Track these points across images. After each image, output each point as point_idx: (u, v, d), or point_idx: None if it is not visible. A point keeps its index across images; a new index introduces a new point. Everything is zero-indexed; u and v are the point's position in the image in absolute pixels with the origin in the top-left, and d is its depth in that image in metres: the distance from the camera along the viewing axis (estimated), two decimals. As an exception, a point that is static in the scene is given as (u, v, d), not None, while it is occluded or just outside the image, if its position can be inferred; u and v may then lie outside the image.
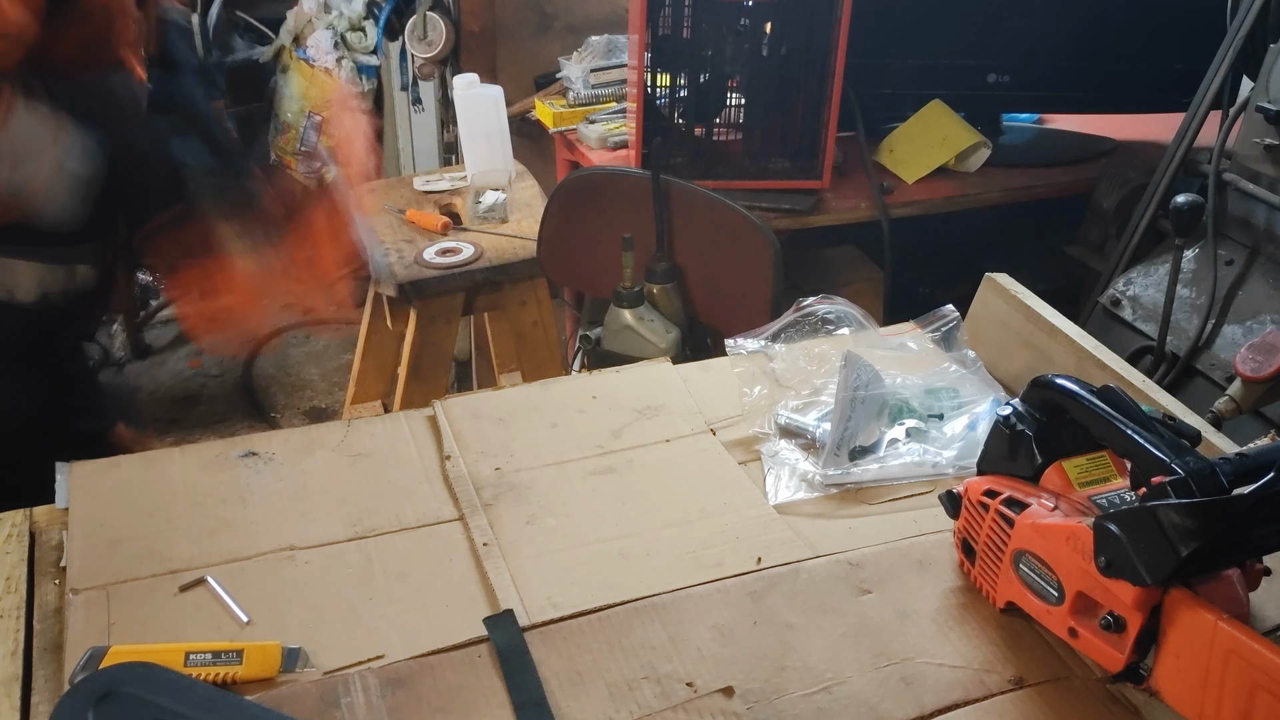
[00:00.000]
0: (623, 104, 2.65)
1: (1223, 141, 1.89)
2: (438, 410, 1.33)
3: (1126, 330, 1.94)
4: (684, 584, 1.06)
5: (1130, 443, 0.93)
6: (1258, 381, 1.59)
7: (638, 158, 2.27)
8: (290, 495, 1.20)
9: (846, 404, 1.26)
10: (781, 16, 2.17)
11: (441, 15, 2.75)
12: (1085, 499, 0.98)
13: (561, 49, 2.87)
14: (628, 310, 2.00)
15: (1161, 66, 2.44)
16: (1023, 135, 2.70)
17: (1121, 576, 0.89)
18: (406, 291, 2.29)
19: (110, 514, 1.16)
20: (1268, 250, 1.82)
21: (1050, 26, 2.46)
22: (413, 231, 2.46)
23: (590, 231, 2.17)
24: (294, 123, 3.88)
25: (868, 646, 0.99)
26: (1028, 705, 0.94)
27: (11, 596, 1.06)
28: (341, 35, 3.86)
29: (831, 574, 1.08)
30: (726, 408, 1.35)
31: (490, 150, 2.51)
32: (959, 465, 1.23)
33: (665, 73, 2.24)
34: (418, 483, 1.22)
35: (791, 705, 0.93)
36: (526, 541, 1.13)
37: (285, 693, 0.93)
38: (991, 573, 1.03)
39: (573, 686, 0.94)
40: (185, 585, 1.07)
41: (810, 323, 1.46)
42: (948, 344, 1.44)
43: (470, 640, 0.99)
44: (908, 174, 2.42)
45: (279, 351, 3.57)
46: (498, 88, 2.53)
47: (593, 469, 1.25)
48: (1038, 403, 1.03)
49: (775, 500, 1.20)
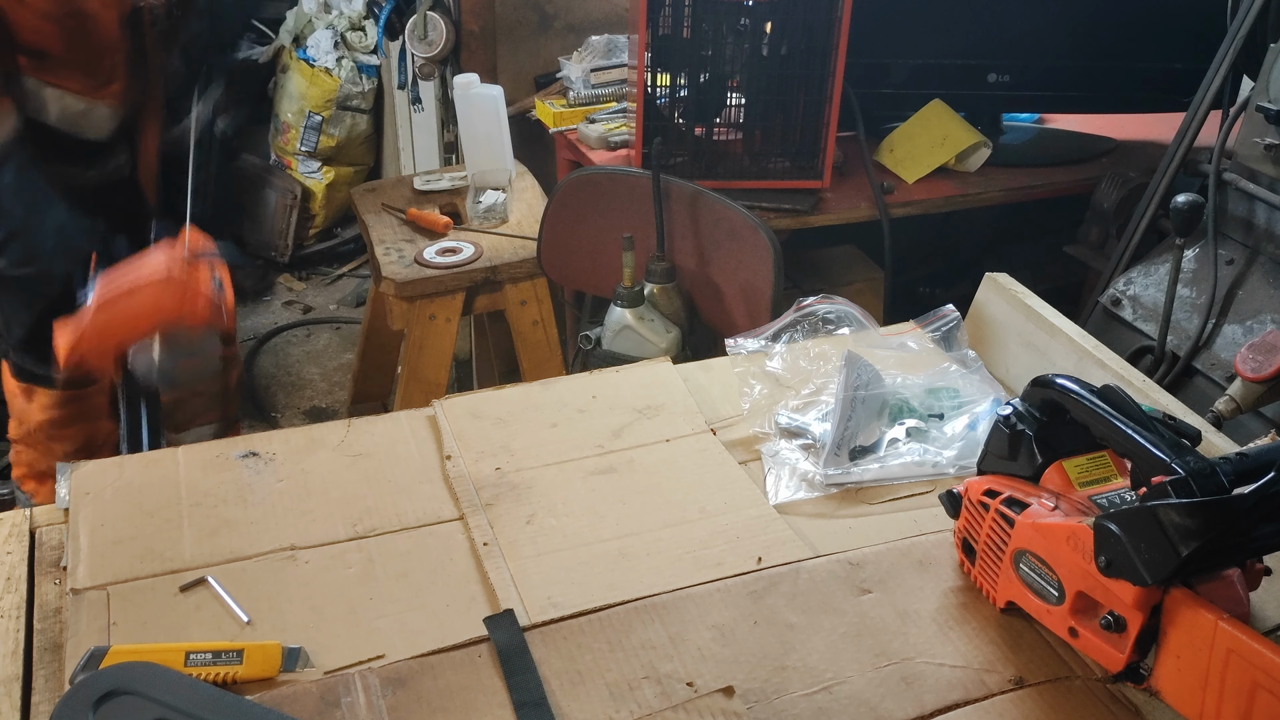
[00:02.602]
0: (623, 104, 2.65)
1: (1223, 141, 1.88)
2: (438, 410, 1.34)
3: (1126, 330, 1.94)
4: (684, 584, 1.06)
5: (1130, 442, 0.93)
6: (1258, 381, 1.58)
7: (638, 158, 2.27)
8: (291, 495, 1.20)
9: (847, 404, 1.26)
10: (781, 16, 2.17)
11: (441, 15, 2.75)
12: (1085, 499, 0.98)
13: (561, 49, 2.87)
14: (628, 310, 2.00)
15: (1161, 66, 2.44)
16: (1023, 135, 2.70)
17: (1122, 576, 0.89)
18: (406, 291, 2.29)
19: (111, 514, 1.16)
20: (1268, 250, 1.81)
21: (1050, 26, 2.46)
22: (413, 231, 2.46)
23: (590, 231, 2.17)
24: (294, 123, 3.89)
25: (868, 646, 0.99)
26: (1028, 705, 0.94)
27: (11, 596, 1.06)
28: (341, 35, 3.87)
29: (832, 574, 1.08)
30: (726, 408, 1.35)
31: (490, 150, 2.51)
32: (959, 465, 1.23)
33: (665, 73, 2.24)
34: (418, 482, 1.22)
35: (792, 705, 0.93)
36: (527, 541, 1.13)
37: (285, 693, 0.93)
38: (992, 572, 1.03)
39: (573, 686, 0.94)
40: (186, 585, 1.07)
41: (810, 323, 1.46)
42: (948, 344, 1.44)
43: (470, 640, 0.99)
44: (908, 174, 2.42)
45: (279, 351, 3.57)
46: (498, 88, 2.53)
47: (593, 469, 1.25)
48: (1038, 402, 1.03)
49: (775, 500, 1.20)
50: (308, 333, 3.70)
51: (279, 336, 3.67)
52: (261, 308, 3.85)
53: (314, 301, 3.89)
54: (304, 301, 3.89)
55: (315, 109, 3.86)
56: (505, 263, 2.35)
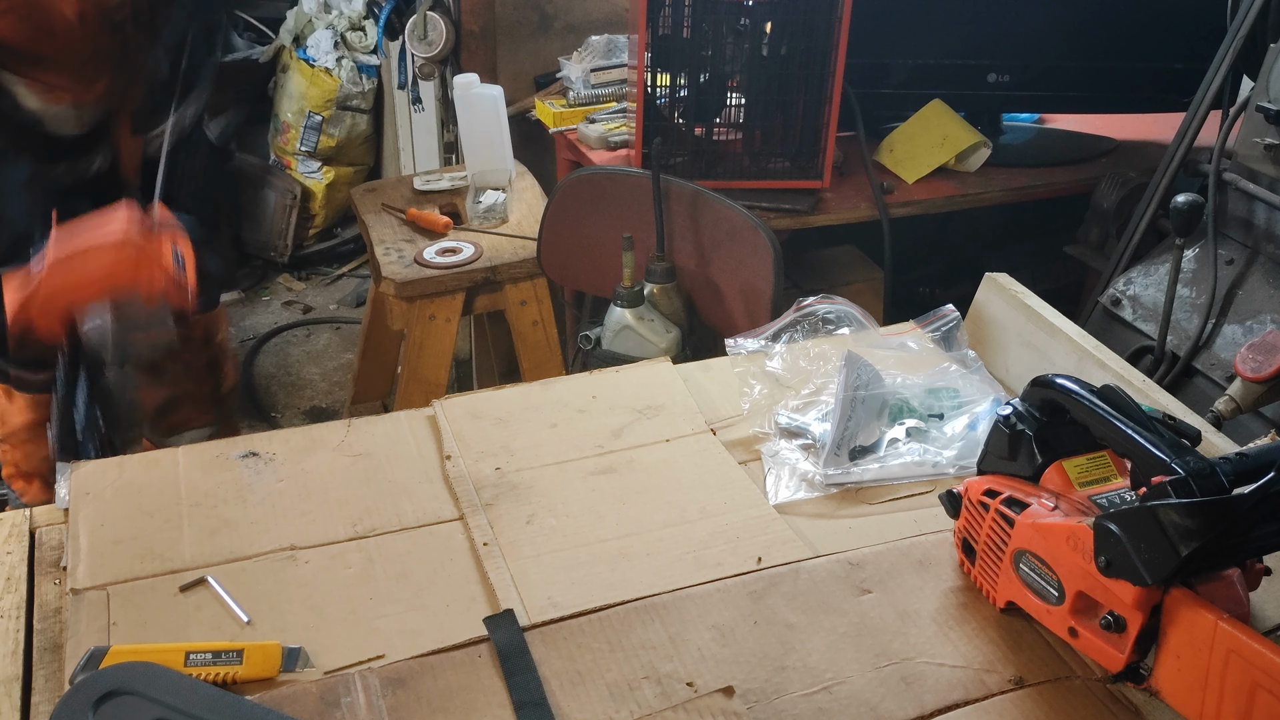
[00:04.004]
0: (623, 104, 2.65)
1: (1223, 141, 1.88)
2: (438, 410, 1.34)
3: (1126, 330, 1.94)
4: (684, 584, 1.06)
5: (1130, 442, 0.93)
6: (1258, 381, 1.58)
7: (638, 158, 2.27)
8: (291, 495, 1.20)
9: (847, 404, 1.26)
10: (781, 16, 2.17)
11: (441, 15, 2.75)
12: (1085, 499, 0.98)
13: (561, 49, 2.87)
14: (628, 310, 2.00)
15: (1161, 66, 2.44)
16: (1023, 135, 2.70)
17: (1122, 576, 0.89)
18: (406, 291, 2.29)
19: (111, 514, 1.16)
20: (1268, 250, 1.81)
21: (1050, 26, 2.46)
22: (413, 231, 2.46)
23: (590, 231, 2.17)
24: (294, 123, 3.89)
25: (868, 646, 0.99)
26: (1028, 705, 0.94)
27: (11, 596, 1.06)
28: (341, 35, 3.87)
29: (832, 574, 1.08)
30: (726, 408, 1.35)
31: (490, 150, 2.51)
32: (959, 465, 1.23)
33: (665, 73, 2.24)
34: (418, 482, 1.22)
35: (792, 705, 0.93)
36: (527, 541, 1.13)
37: (285, 693, 0.93)
38: (992, 572, 1.03)
39: (573, 686, 0.94)
40: (186, 585, 1.07)
41: (810, 323, 1.46)
42: (948, 344, 1.44)
43: (470, 640, 0.99)
44: (908, 174, 2.42)
45: (279, 351, 3.57)
46: (498, 88, 2.53)
47: (593, 469, 1.25)
48: (1038, 402, 1.03)
49: (775, 500, 1.20)
50: (308, 333, 3.70)
51: (279, 336, 3.67)
52: (261, 307, 3.85)
53: (314, 301, 3.90)
54: (304, 301, 3.89)
55: (315, 109, 3.86)
56: (505, 263, 2.35)
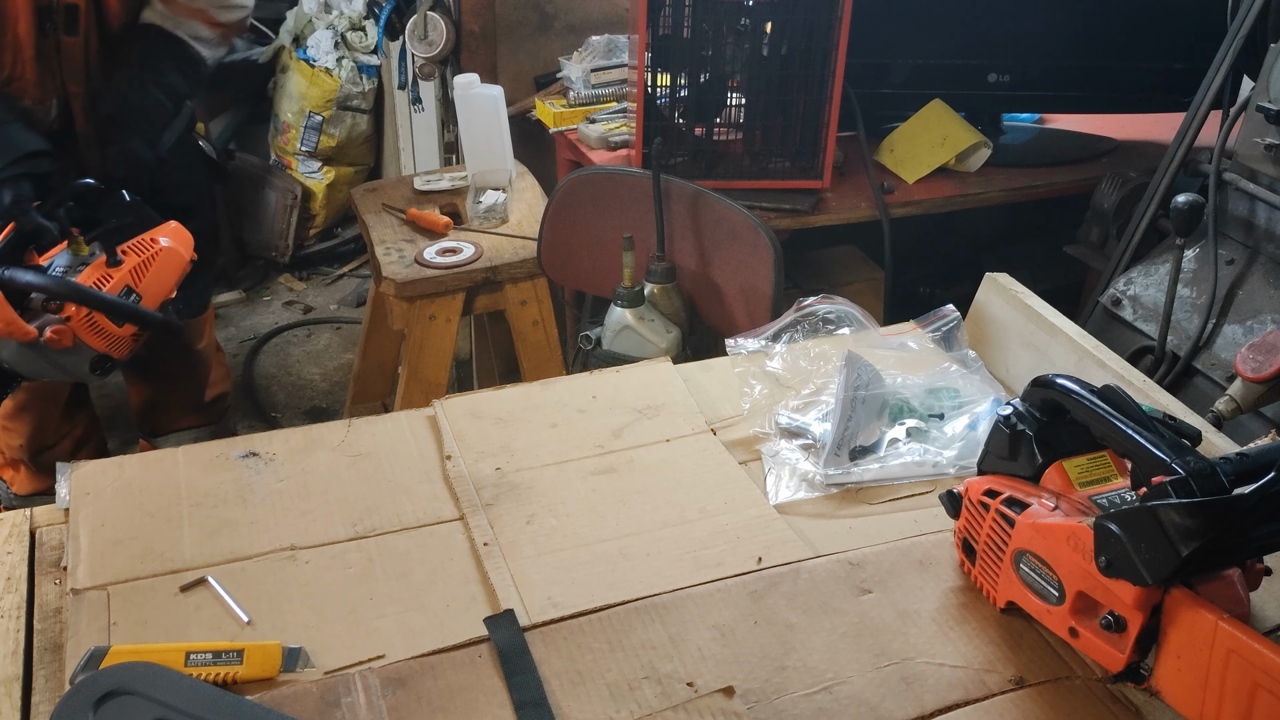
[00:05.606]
0: (623, 104, 2.65)
1: (1223, 141, 1.88)
2: (438, 410, 1.34)
3: (1127, 330, 1.94)
4: (684, 584, 1.06)
5: (1131, 442, 0.93)
6: (1258, 381, 1.58)
7: (638, 158, 2.27)
8: (291, 495, 1.20)
9: (847, 404, 1.26)
10: (781, 16, 2.17)
11: (442, 15, 2.75)
12: (1085, 499, 0.98)
13: (561, 49, 2.87)
14: (628, 310, 2.00)
15: (1161, 66, 2.44)
16: (1023, 135, 2.70)
17: (1122, 576, 0.89)
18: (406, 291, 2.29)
19: (111, 514, 1.16)
20: (1268, 250, 1.81)
21: (1050, 26, 2.46)
22: (413, 231, 2.46)
23: (590, 231, 2.17)
24: (294, 123, 3.89)
25: (868, 646, 0.99)
26: (1028, 705, 0.94)
27: (11, 596, 1.06)
28: (342, 35, 3.87)
29: (832, 574, 1.08)
30: (726, 408, 1.35)
31: (490, 150, 2.51)
32: (959, 465, 1.23)
33: (665, 73, 2.24)
34: (418, 483, 1.22)
35: (792, 705, 0.93)
36: (527, 541, 1.13)
37: (286, 693, 0.93)
38: (992, 572, 1.03)
39: (573, 686, 0.94)
40: (186, 585, 1.07)
41: (810, 323, 1.46)
42: (948, 344, 1.44)
43: (471, 640, 0.99)
44: (908, 174, 2.42)
45: (279, 351, 3.57)
46: (498, 88, 2.53)
47: (593, 469, 1.25)
48: (1038, 402, 1.03)
49: (775, 500, 1.20)
50: (308, 333, 3.70)
51: (279, 336, 3.67)
52: (262, 307, 3.85)
53: (314, 301, 3.90)
54: (304, 301, 3.89)
55: (315, 109, 3.86)
56: (505, 263, 2.35)
